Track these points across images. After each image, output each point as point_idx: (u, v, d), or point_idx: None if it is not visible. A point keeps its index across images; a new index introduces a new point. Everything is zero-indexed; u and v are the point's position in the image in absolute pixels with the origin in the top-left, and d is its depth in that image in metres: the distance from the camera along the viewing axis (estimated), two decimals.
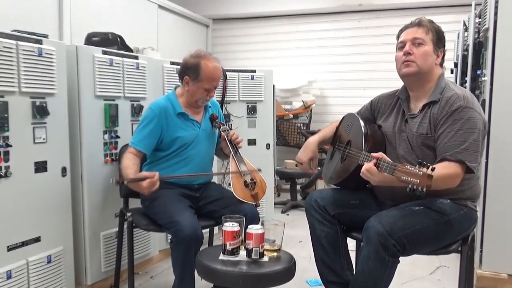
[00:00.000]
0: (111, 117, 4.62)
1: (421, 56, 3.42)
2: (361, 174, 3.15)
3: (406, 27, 3.56)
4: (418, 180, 2.78)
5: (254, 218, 3.92)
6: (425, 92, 3.50)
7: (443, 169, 3.11)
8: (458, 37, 6.85)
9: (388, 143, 3.69)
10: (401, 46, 3.53)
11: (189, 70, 4.17)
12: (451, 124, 3.25)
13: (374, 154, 3.11)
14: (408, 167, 2.86)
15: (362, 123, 3.67)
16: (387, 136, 3.70)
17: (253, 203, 4.15)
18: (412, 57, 3.42)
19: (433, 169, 2.77)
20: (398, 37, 3.60)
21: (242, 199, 4.11)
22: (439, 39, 3.49)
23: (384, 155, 3.08)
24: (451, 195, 3.36)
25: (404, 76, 3.56)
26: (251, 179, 4.20)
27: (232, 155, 4.27)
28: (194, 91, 4.19)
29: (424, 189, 2.77)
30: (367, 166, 3.11)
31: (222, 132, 4.34)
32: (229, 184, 4.18)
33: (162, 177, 3.90)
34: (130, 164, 4.04)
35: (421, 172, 2.77)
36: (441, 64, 3.55)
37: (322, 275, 3.80)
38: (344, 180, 3.70)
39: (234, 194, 4.10)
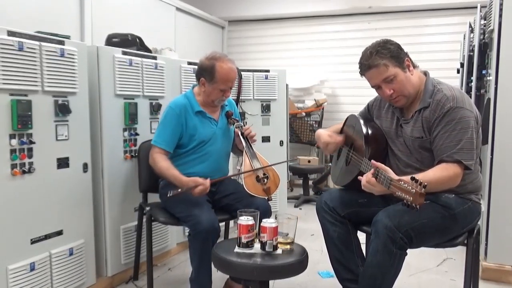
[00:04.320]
0: (131, 115, 4.61)
1: (401, 87, 3.38)
2: (362, 187, 3.18)
3: (364, 70, 3.47)
4: (411, 198, 2.79)
5: (266, 212, 3.90)
6: (415, 100, 3.49)
7: (442, 171, 3.17)
8: (464, 38, 6.82)
9: (388, 146, 3.69)
10: (377, 88, 3.49)
11: (205, 72, 4.16)
12: (445, 126, 3.25)
13: (374, 163, 3.13)
14: (402, 183, 2.87)
15: (363, 126, 3.67)
16: (387, 139, 3.71)
17: (265, 197, 4.14)
18: (395, 94, 3.40)
19: (424, 186, 2.76)
20: (362, 75, 3.54)
21: (253, 194, 4.08)
22: (398, 58, 3.37)
23: (383, 166, 3.09)
24: (455, 190, 3.34)
25: (398, 107, 3.58)
26: (264, 174, 4.17)
27: (244, 150, 4.26)
28: (210, 91, 4.18)
29: (418, 206, 2.77)
30: (367, 178, 3.13)
31: (236, 128, 4.34)
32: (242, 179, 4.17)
33: (211, 181, 3.98)
34: (168, 164, 4.11)
35: (414, 190, 2.78)
36: (414, 67, 3.49)
37: (337, 273, 3.79)
38: (349, 183, 3.70)
39: (245, 189, 4.08)
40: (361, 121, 3.71)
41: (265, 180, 4.14)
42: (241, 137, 4.29)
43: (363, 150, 3.53)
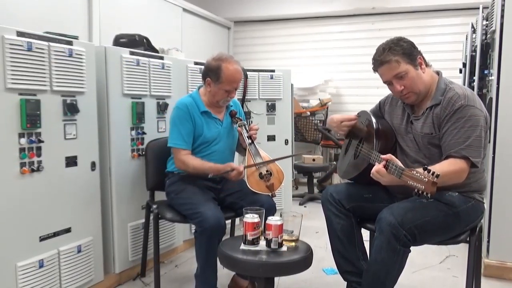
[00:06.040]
0: (138, 114, 4.61)
1: (411, 84, 3.39)
2: (371, 175, 3.19)
3: (376, 66, 3.48)
4: (423, 186, 2.80)
5: (270, 209, 3.91)
6: (427, 97, 3.49)
7: (449, 166, 3.16)
8: (466, 39, 6.81)
9: (397, 142, 3.70)
10: (388, 83, 3.50)
11: (211, 73, 4.16)
12: (455, 123, 3.26)
13: (383, 156, 3.13)
14: (414, 172, 2.88)
15: (374, 121, 3.67)
16: (396, 135, 3.71)
17: (269, 194, 4.14)
18: (406, 90, 3.41)
19: (437, 176, 2.77)
20: (374, 71, 3.55)
21: (256, 191, 4.09)
22: (410, 55, 3.39)
23: (393, 157, 3.10)
24: (459, 188, 3.36)
25: (408, 103, 3.60)
26: (267, 170, 4.18)
27: (248, 148, 4.27)
28: (215, 92, 4.19)
29: (429, 195, 2.77)
30: (377, 168, 3.14)
31: (238, 127, 4.34)
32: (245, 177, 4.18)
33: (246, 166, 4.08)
34: (200, 160, 4.14)
35: (426, 179, 2.79)
36: (426, 65, 3.50)
37: (338, 265, 3.81)
38: (356, 176, 3.71)
39: (248, 186, 4.09)
40: (373, 117, 3.72)
41: (269, 176, 4.15)
42: (244, 136, 4.30)
43: (373, 144, 3.53)
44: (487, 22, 5.46)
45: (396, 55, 3.35)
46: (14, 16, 5.07)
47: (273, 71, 6.73)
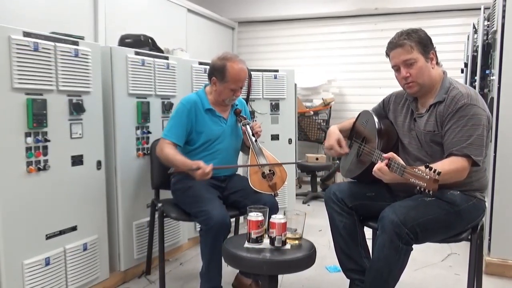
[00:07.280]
0: (143, 114, 4.61)
1: (417, 74, 3.38)
2: (373, 173, 3.17)
3: (390, 48, 3.49)
4: (425, 184, 2.79)
5: (273, 208, 3.87)
6: (431, 94, 3.48)
7: (451, 164, 3.15)
8: (468, 39, 6.80)
9: (399, 140, 3.69)
10: (396, 69, 3.50)
11: (216, 72, 4.17)
12: (457, 121, 3.25)
13: (385, 155, 3.11)
14: (416, 170, 2.87)
15: (376, 120, 3.66)
16: (398, 133, 3.70)
17: (271, 193, 4.13)
18: (411, 79, 3.40)
19: (439, 173, 2.76)
20: (387, 55, 3.56)
21: (258, 190, 4.09)
22: (425, 46, 3.40)
23: (395, 156, 3.09)
24: (460, 186, 3.34)
25: (409, 94, 3.58)
26: (270, 170, 4.17)
27: (251, 147, 4.26)
28: (221, 91, 4.19)
29: (431, 192, 2.76)
30: (379, 166, 3.12)
31: (242, 126, 4.35)
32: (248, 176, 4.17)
33: (214, 167, 3.94)
34: (175, 152, 4.08)
35: (428, 176, 2.78)
36: (437, 63, 3.50)
37: (341, 263, 3.80)
38: (359, 175, 3.70)
39: (251, 185, 4.09)
40: (374, 116, 3.71)
41: (271, 176, 4.15)
42: (248, 135, 4.30)
43: (375, 143, 3.53)
44: (489, 23, 5.46)
45: (412, 41, 3.36)
46: (20, 17, 5.07)
47: (276, 71, 6.73)
